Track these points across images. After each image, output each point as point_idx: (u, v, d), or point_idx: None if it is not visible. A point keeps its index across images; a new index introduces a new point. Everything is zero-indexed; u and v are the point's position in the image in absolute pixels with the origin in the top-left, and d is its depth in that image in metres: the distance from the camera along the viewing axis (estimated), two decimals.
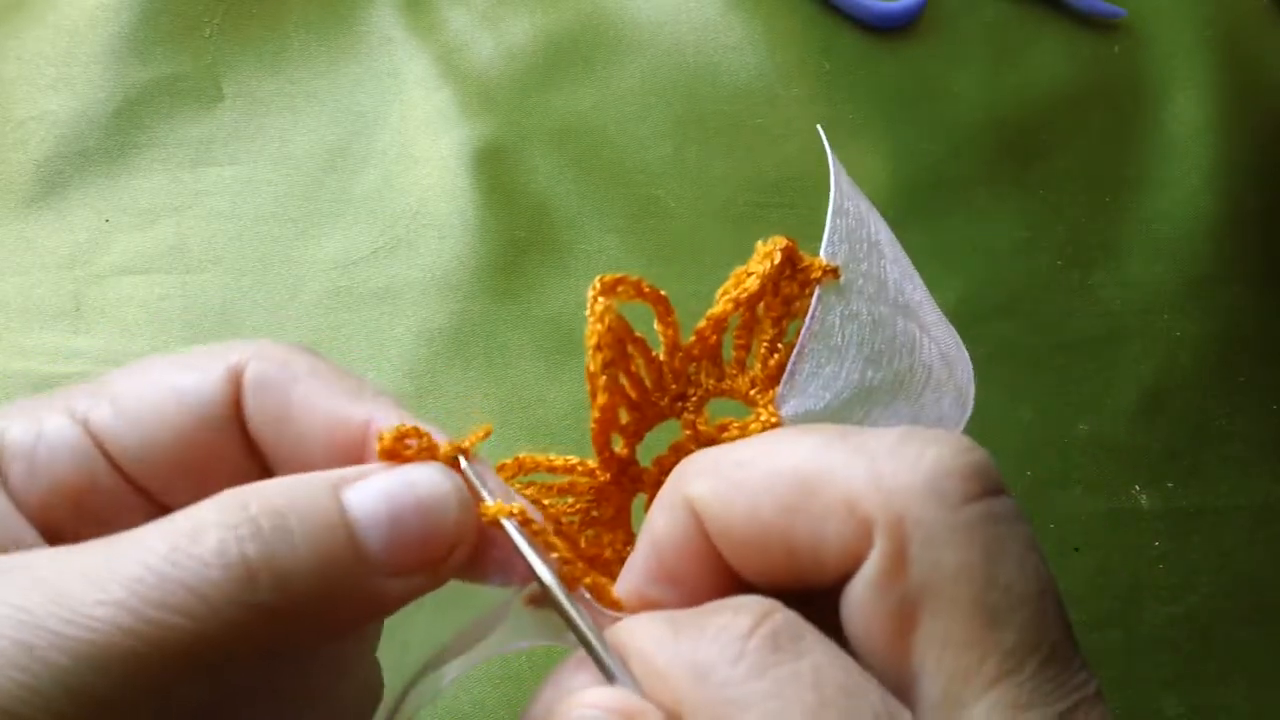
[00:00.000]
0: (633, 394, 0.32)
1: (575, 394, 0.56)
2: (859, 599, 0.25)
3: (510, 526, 0.27)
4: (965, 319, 0.64)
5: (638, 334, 0.32)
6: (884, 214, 0.64)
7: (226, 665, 0.23)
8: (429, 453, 0.28)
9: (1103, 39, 0.70)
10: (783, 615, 0.24)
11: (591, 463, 0.32)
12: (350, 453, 0.28)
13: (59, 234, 0.59)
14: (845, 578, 0.25)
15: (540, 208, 0.61)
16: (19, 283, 0.58)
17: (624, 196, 0.62)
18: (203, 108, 0.63)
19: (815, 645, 0.24)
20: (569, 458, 0.33)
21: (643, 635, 0.25)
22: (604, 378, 0.30)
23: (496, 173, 0.61)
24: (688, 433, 0.32)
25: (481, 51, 0.66)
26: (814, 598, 0.26)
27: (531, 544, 0.27)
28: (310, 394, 0.28)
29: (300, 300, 0.58)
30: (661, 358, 0.33)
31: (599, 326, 0.31)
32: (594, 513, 0.33)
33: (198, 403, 0.27)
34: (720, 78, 0.66)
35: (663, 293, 0.32)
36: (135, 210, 0.60)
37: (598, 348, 0.31)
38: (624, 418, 0.32)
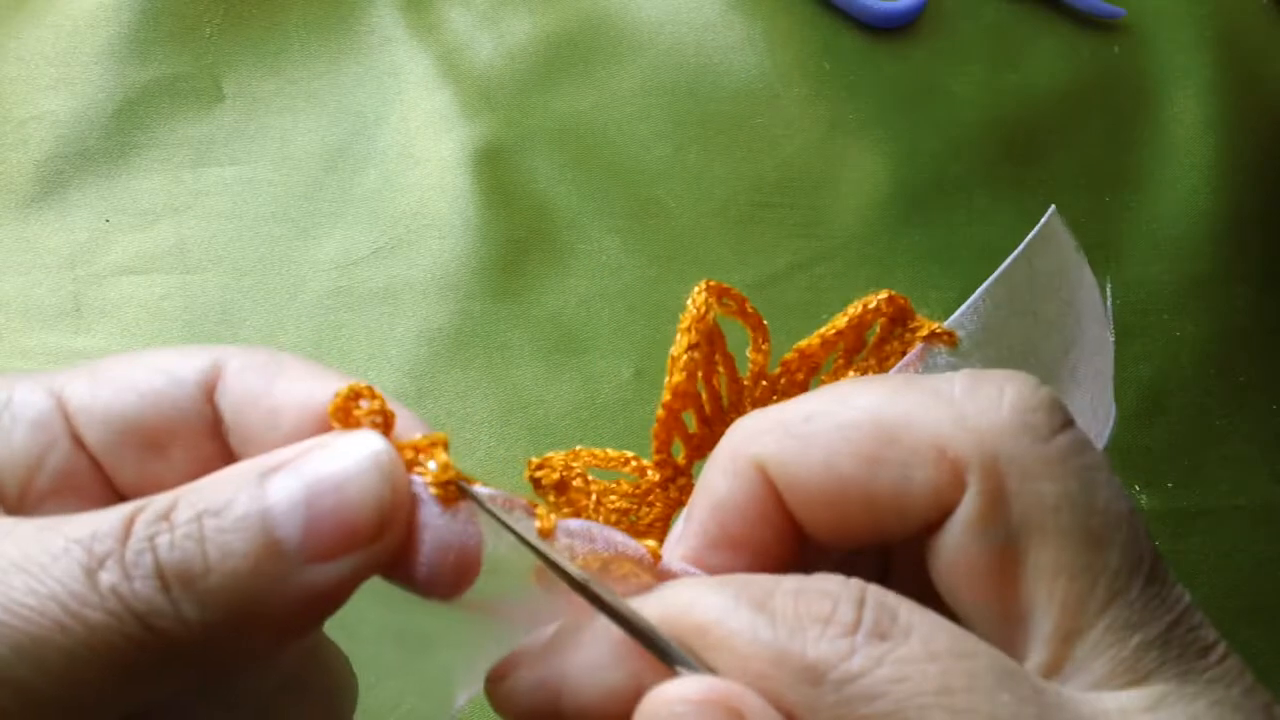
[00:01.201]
0: (708, 407, 0.31)
1: (575, 394, 0.56)
2: (956, 544, 0.24)
3: (503, 514, 0.26)
4: None
5: (729, 352, 0.31)
6: (884, 215, 0.65)
7: (172, 667, 0.23)
8: (380, 415, 0.26)
9: (1103, 39, 0.70)
10: (875, 596, 0.24)
11: (646, 461, 0.31)
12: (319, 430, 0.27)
13: (59, 234, 0.59)
14: (929, 527, 0.25)
15: (540, 208, 0.61)
16: (19, 283, 0.58)
17: (624, 196, 0.62)
18: (203, 108, 0.63)
19: (913, 616, 0.23)
20: (625, 452, 0.32)
21: (712, 612, 0.24)
22: (685, 357, 0.30)
23: (497, 173, 0.61)
24: None
25: (482, 52, 0.66)
26: (885, 552, 0.26)
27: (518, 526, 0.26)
28: (288, 377, 0.27)
29: (300, 300, 0.58)
30: (746, 382, 0.32)
31: (695, 313, 0.30)
32: (632, 516, 0.31)
33: (173, 380, 0.27)
34: (720, 78, 0.66)
35: (764, 321, 0.31)
36: (135, 210, 0.60)
37: (688, 330, 0.30)
38: (692, 426, 0.31)
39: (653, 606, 0.25)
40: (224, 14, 0.65)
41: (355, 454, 0.25)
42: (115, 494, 0.27)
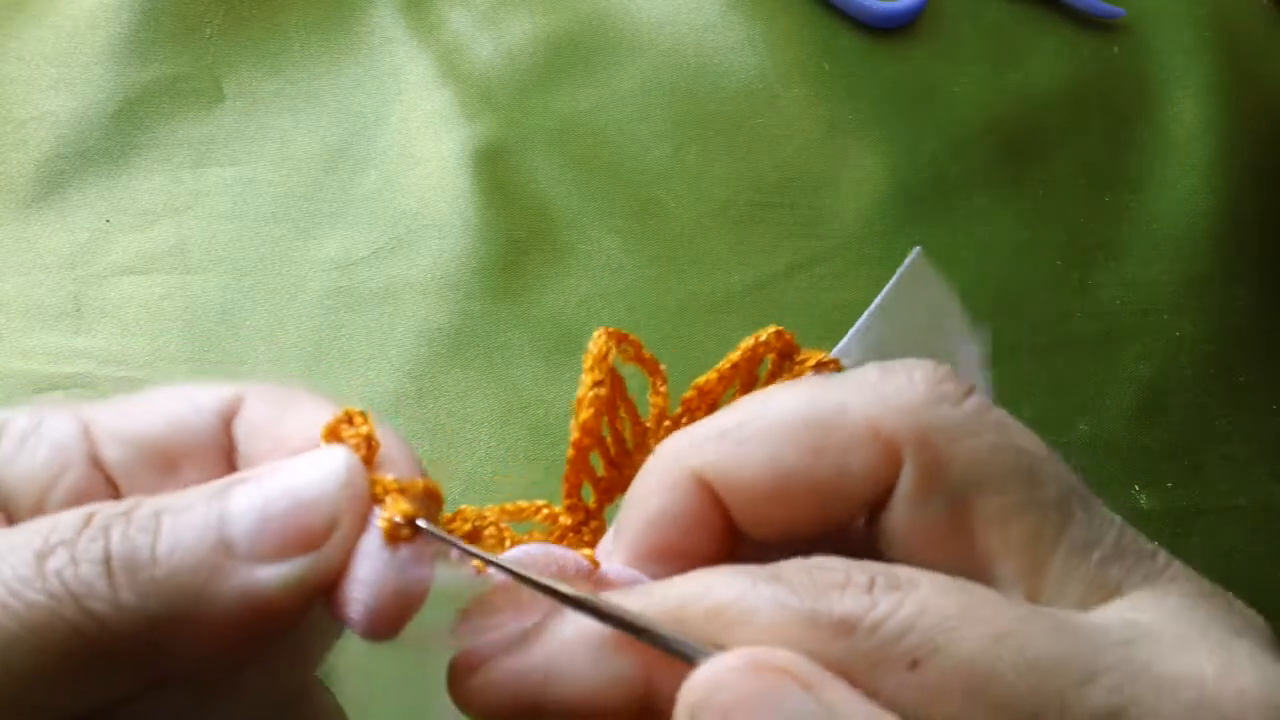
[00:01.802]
0: (613, 449, 0.32)
1: (575, 394, 0.56)
2: (905, 515, 0.26)
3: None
4: None
5: (629, 396, 0.32)
6: (884, 215, 0.65)
7: (110, 660, 0.23)
8: (364, 440, 0.27)
9: (1102, 39, 0.70)
10: (872, 564, 0.25)
11: (557, 508, 0.32)
12: None
13: (60, 234, 0.59)
14: (872, 507, 0.26)
15: (540, 208, 0.61)
16: (19, 283, 0.58)
17: (624, 197, 0.62)
18: (203, 108, 0.63)
19: (911, 572, 0.24)
20: (536, 501, 0.32)
21: (729, 592, 0.24)
22: (591, 394, 0.30)
23: (497, 173, 0.61)
24: None
25: (482, 52, 0.66)
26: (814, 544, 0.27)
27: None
28: (299, 410, 0.28)
29: (301, 300, 0.58)
30: (649, 424, 0.32)
31: (596, 354, 0.31)
32: None
33: (194, 406, 0.28)
34: (720, 78, 0.66)
35: (662, 367, 0.32)
36: (136, 211, 0.60)
37: (591, 370, 0.31)
38: (600, 469, 0.32)
39: (659, 599, 0.25)
40: (224, 14, 0.66)
41: (316, 466, 0.25)
42: None
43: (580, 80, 0.65)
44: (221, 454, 0.28)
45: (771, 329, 0.32)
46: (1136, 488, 0.57)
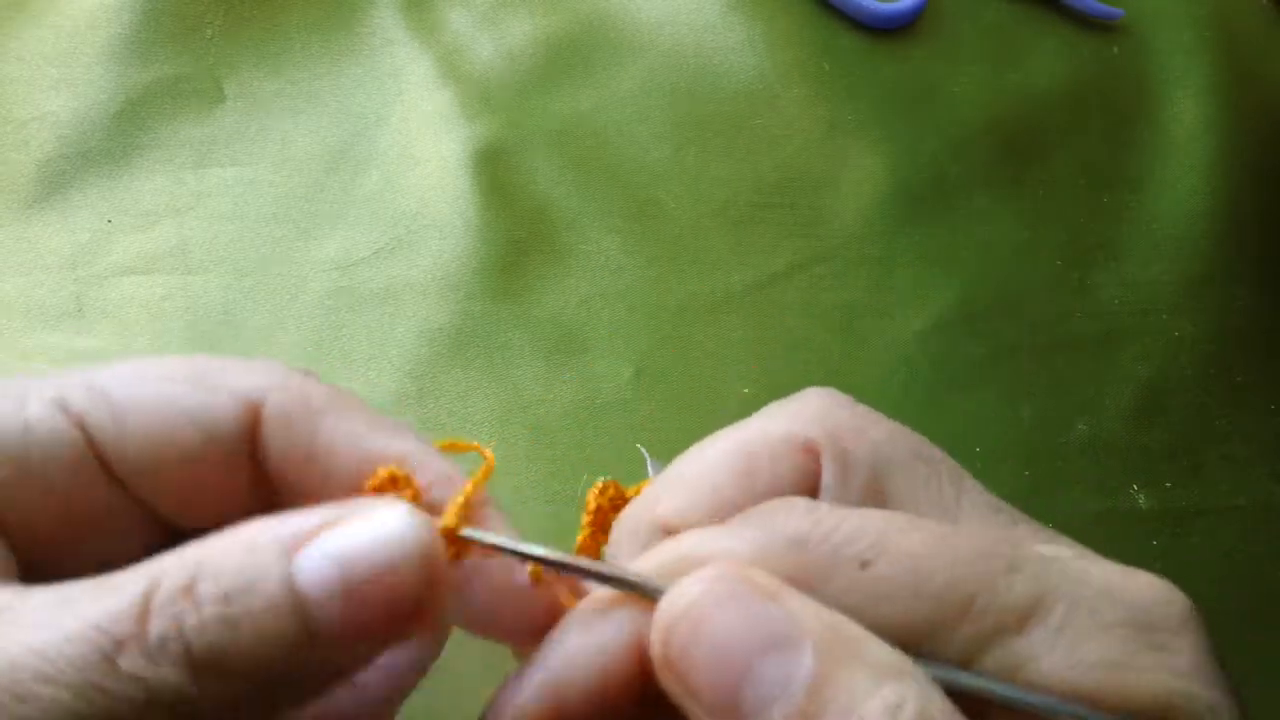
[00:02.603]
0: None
1: (575, 394, 0.56)
2: (833, 502, 0.29)
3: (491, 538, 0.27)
4: (965, 319, 0.64)
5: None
6: (884, 215, 0.65)
7: None
8: (412, 496, 0.27)
9: (1102, 40, 0.70)
10: (812, 500, 0.29)
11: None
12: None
13: (61, 235, 0.59)
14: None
15: (541, 209, 0.61)
16: (21, 283, 0.58)
17: (624, 197, 0.62)
18: (204, 109, 0.63)
19: (848, 506, 0.28)
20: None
21: (712, 542, 0.27)
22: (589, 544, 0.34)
23: (497, 174, 0.62)
24: None
25: (482, 53, 0.66)
26: None
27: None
28: (338, 432, 0.26)
29: (301, 301, 0.58)
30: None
31: (591, 506, 0.34)
32: None
33: (211, 433, 0.26)
34: (720, 79, 0.66)
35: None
36: (137, 211, 0.60)
37: (588, 525, 0.34)
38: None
39: (663, 554, 0.28)
40: (225, 15, 0.66)
41: (388, 528, 0.24)
42: (148, 517, 0.27)
43: (580, 81, 0.65)
44: (244, 456, 0.27)
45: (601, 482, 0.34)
46: (1135, 487, 0.57)
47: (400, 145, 0.63)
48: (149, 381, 0.26)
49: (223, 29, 0.65)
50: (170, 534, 0.27)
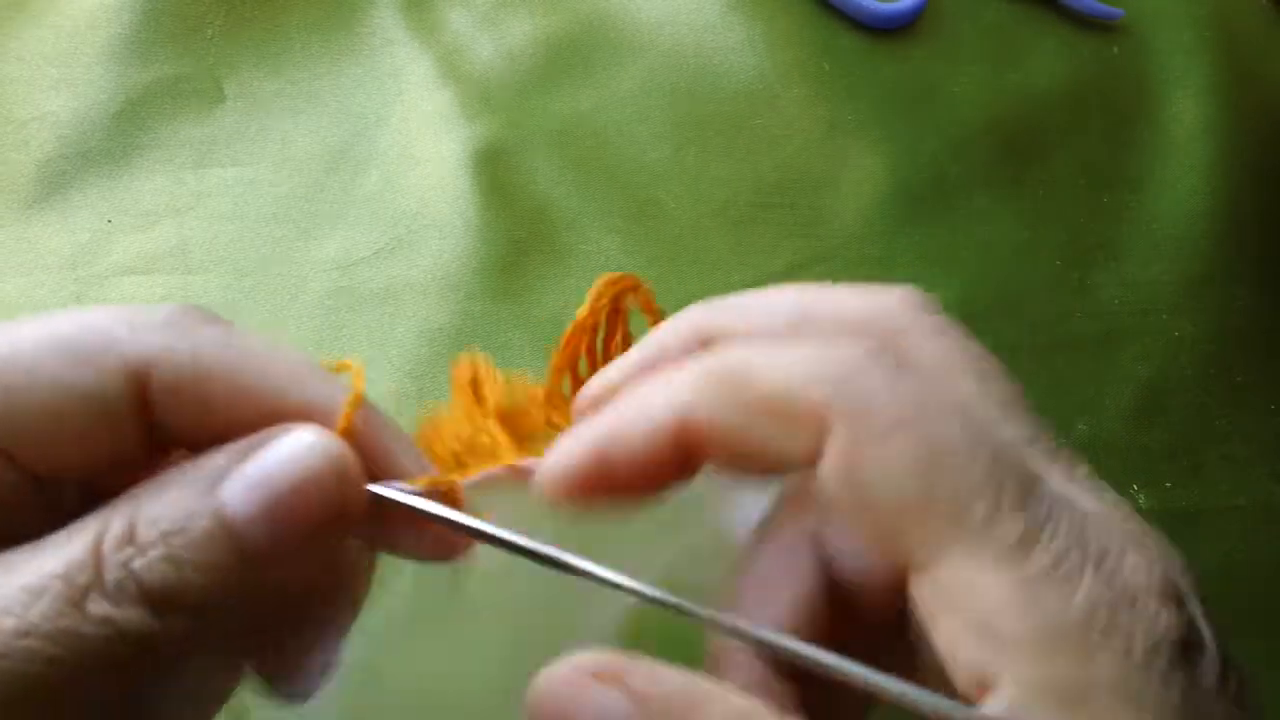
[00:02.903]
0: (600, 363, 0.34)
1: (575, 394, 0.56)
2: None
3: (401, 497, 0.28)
4: (964, 319, 0.64)
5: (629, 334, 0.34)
6: (884, 215, 0.65)
7: (167, 657, 0.25)
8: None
9: (1102, 40, 0.70)
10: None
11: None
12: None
13: (61, 235, 0.59)
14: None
15: (541, 209, 0.61)
16: (21, 283, 0.58)
17: (624, 198, 0.62)
18: (204, 109, 0.63)
19: None
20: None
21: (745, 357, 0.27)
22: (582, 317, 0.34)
23: (497, 174, 0.62)
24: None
25: (482, 53, 0.66)
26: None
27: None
28: (230, 395, 0.27)
29: (302, 301, 0.58)
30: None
31: (596, 291, 0.35)
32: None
33: (101, 410, 0.26)
34: (720, 79, 0.66)
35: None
36: (137, 211, 0.60)
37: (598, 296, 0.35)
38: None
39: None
40: (225, 15, 0.66)
41: (295, 447, 0.26)
42: (25, 473, 0.27)
43: (580, 81, 0.65)
44: (137, 419, 0.27)
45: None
46: (1135, 487, 0.57)
47: (400, 145, 0.63)
48: (31, 359, 0.26)
49: (223, 29, 0.65)
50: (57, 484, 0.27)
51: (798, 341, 0.27)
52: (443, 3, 0.68)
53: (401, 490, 0.28)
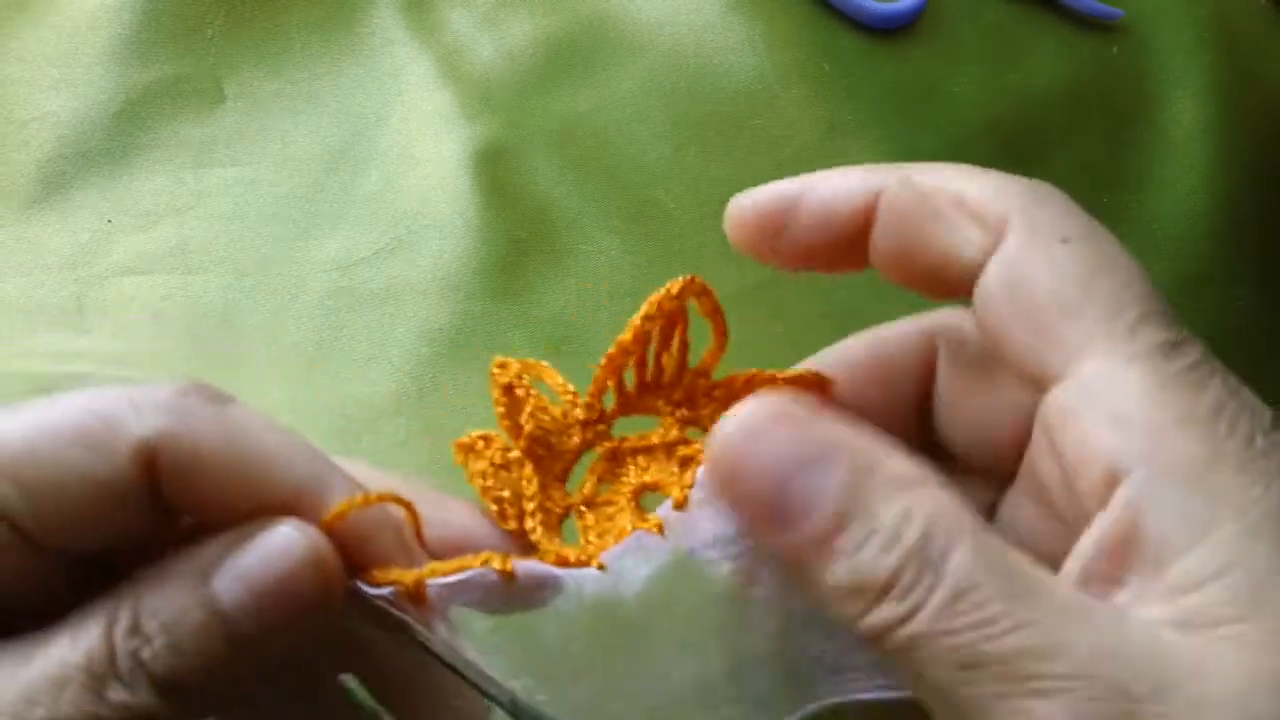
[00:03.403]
0: (650, 372, 0.34)
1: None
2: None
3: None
4: None
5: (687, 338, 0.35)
6: None
7: None
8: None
9: (1102, 40, 0.70)
10: None
11: (582, 401, 0.34)
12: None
13: (61, 235, 0.59)
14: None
15: (541, 209, 0.61)
16: (21, 283, 0.58)
17: (624, 198, 0.62)
18: (205, 109, 0.63)
19: None
20: (570, 386, 0.34)
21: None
22: (644, 321, 0.34)
23: (497, 174, 0.62)
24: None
25: (482, 53, 0.66)
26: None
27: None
28: (228, 481, 0.29)
29: (302, 301, 0.58)
30: (690, 373, 0.35)
31: (662, 297, 0.35)
32: (551, 439, 0.35)
33: (114, 496, 0.28)
34: (720, 79, 0.66)
35: (728, 332, 0.36)
36: (137, 211, 0.60)
37: (658, 303, 0.35)
38: (629, 384, 0.34)
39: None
40: (226, 15, 0.66)
41: (279, 544, 0.29)
42: (58, 562, 0.29)
43: (580, 81, 0.65)
44: (145, 499, 0.29)
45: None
46: None
47: (400, 145, 0.63)
48: (47, 450, 0.28)
49: (223, 29, 0.65)
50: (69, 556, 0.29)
51: (977, 171, 0.30)
52: (443, 3, 0.68)
53: (372, 591, 0.30)
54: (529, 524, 0.32)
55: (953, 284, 0.30)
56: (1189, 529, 0.24)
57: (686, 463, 0.33)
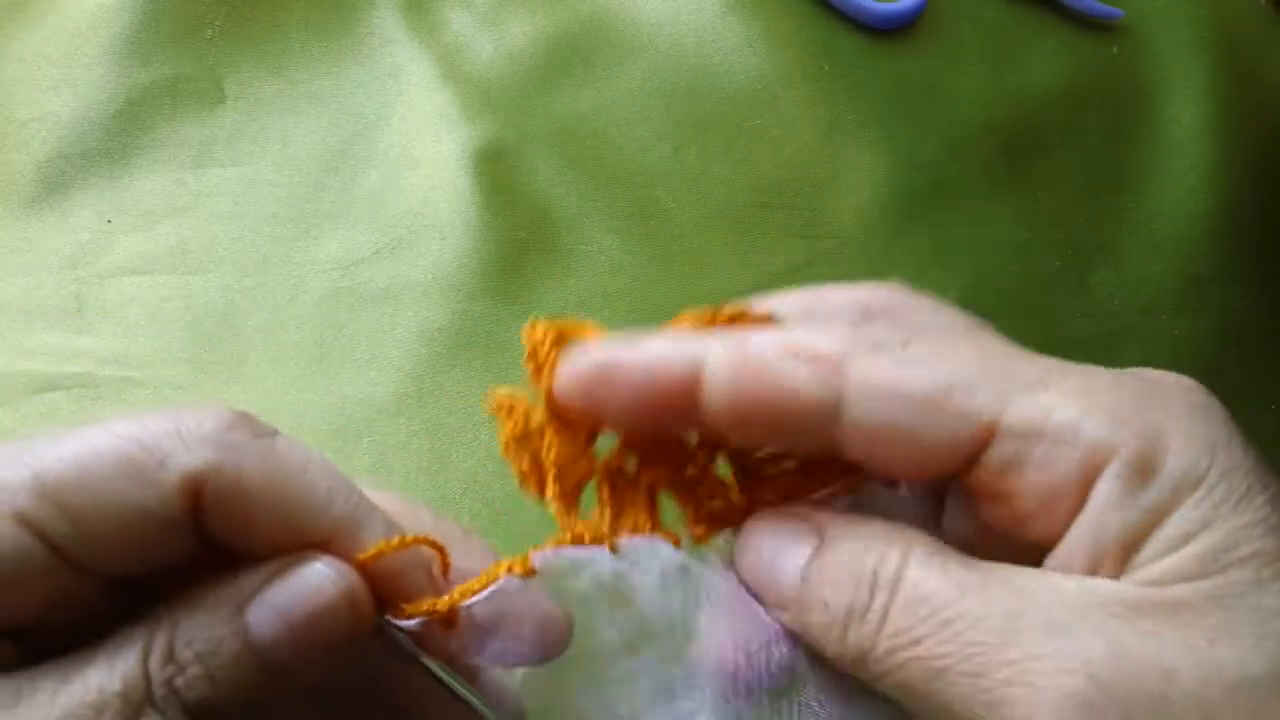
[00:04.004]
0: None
1: None
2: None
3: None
4: None
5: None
6: (883, 215, 0.65)
7: None
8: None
9: (1101, 40, 0.70)
10: None
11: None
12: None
13: (61, 235, 0.59)
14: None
15: (541, 209, 0.61)
16: (21, 283, 0.58)
17: (624, 198, 0.62)
18: (205, 109, 0.63)
19: None
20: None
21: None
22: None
23: (497, 174, 0.62)
24: None
25: (482, 53, 0.66)
26: None
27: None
28: (269, 514, 0.30)
29: (302, 301, 0.58)
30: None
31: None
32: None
33: (160, 524, 0.29)
34: (720, 79, 0.66)
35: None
36: (137, 211, 0.60)
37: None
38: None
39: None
40: (225, 15, 0.66)
41: (314, 579, 0.29)
42: (102, 586, 0.29)
43: (580, 81, 0.65)
44: (189, 528, 0.29)
45: None
46: None
47: (400, 145, 0.63)
48: (96, 480, 0.28)
49: (223, 29, 0.65)
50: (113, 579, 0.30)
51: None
52: (443, 3, 0.68)
53: (401, 624, 0.31)
54: (548, 493, 0.32)
55: (809, 431, 0.30)
56: (1153, 510, 0.27)
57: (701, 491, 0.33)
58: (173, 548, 0.29)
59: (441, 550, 0.31)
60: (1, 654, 0.28)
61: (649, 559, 0.31)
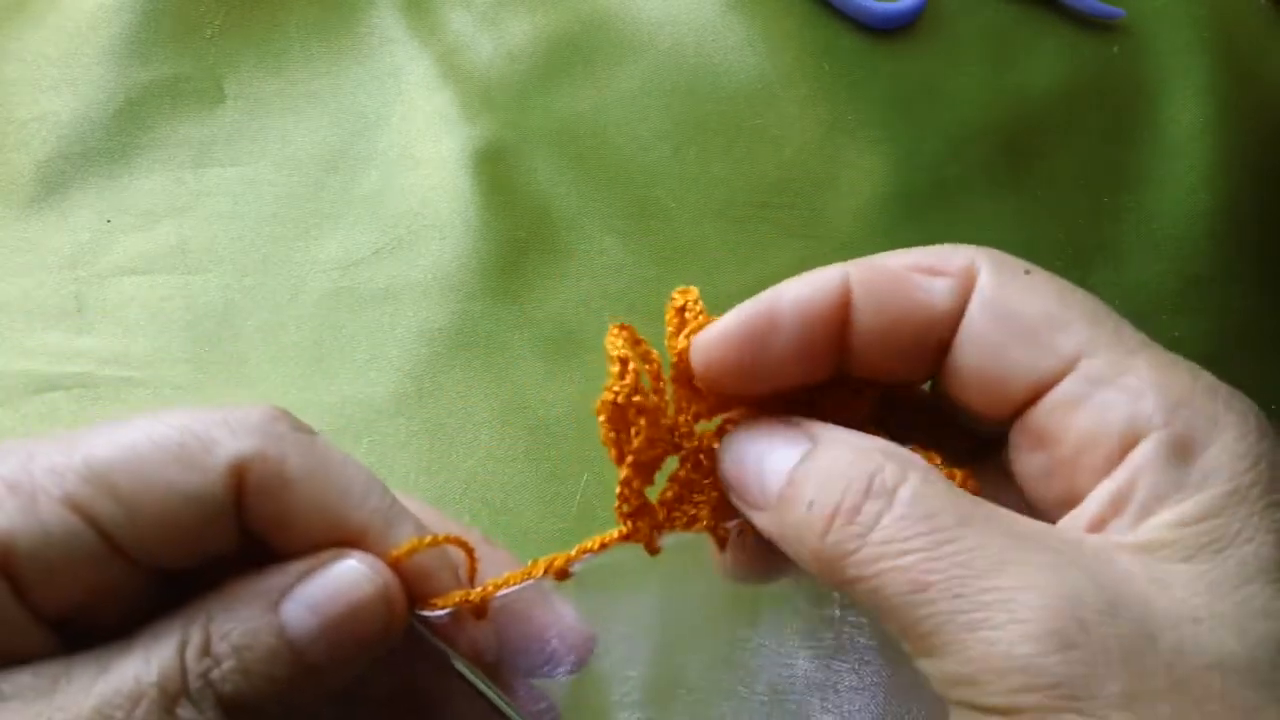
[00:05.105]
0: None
1: (575, 394, 0.56)
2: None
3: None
4: None
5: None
6: (883, 215, 0.65)
7: None
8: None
9: (1102, 40, 0.70)
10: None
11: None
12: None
13: (61, 234, 0.59)
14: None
15: (541, 209, 0.61)
16: (21, 283, 0.58)
17: (624, 197, 0.62)
18: (204, 109, 0.63)
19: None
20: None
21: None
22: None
23: (497, 174, 0.62)
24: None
25: (482, 53, 0.66)
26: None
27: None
28: (307, 505, 0.30)
29: (301, 300, 0.58)
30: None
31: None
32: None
33: (207, 511, 0.29)
34: (720, 79, 0.66)
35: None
36: (137, 211, 0.60)
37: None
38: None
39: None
40: (225, 15, 0.66)
41: (349, 576, 0.30)
42: (148, 577, 0.30)
43: (580, 81, 0.65)
44: (232, 516, 0.30)
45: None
46: None
47: (400, 145, 0.63)
48: (147, 465, 0.29)
49: (223, 29, 0.65)
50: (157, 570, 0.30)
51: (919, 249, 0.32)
52: (443, 2, 0.68)
53: (432, 616, 0.31)
54: (622, 474, 0.32)
55: (932, 344, 0.31)
56: (1180, 486, 0.28)
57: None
58: (217, 538, 0.30)
59: (470, 551, 0.32)
60: (43, 641, 0.28)
61: (688, 571, 0.32)
